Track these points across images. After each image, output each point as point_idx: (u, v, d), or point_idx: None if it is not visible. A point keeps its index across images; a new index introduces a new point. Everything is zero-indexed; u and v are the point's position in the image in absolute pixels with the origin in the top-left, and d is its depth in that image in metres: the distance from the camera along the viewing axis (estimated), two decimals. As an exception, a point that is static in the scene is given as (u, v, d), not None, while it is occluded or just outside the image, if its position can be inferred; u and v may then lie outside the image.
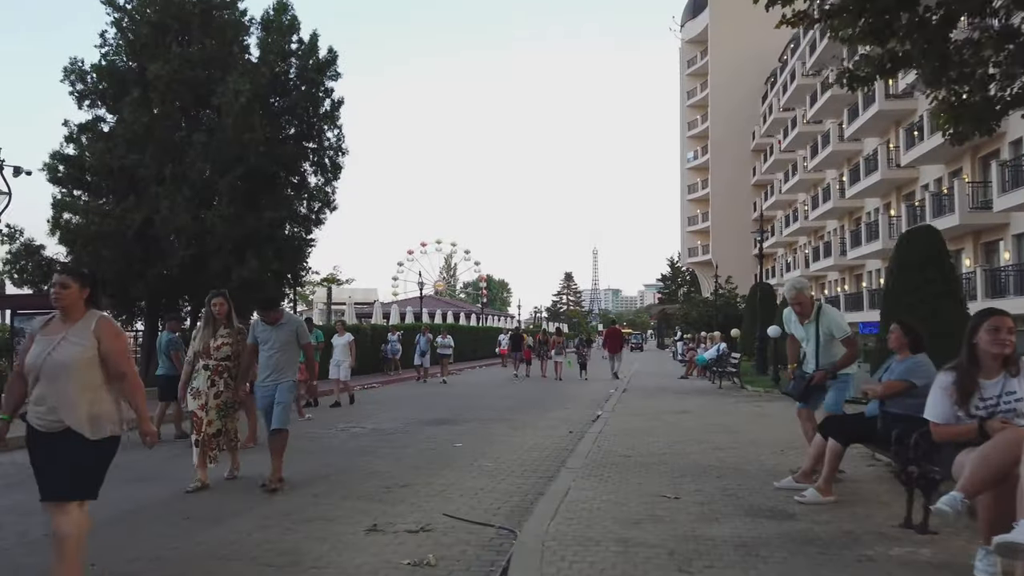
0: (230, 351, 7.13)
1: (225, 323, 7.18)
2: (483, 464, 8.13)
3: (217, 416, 7.07)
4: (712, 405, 13.72)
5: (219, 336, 7.14)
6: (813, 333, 6.60)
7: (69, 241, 16.20)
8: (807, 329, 6.64)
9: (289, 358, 7.00)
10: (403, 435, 10.70)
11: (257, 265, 16.68)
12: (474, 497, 6.42)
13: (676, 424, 10.82)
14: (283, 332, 6.98)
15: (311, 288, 51.44)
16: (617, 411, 12.67)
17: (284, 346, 6.95)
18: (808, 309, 6.66)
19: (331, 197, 19.19)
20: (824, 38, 40.64)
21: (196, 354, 7.16)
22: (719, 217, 65.78)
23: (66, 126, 17.55)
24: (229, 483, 7.18)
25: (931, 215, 28.16)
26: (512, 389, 20.20)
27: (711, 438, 9.18)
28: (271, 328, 6.96)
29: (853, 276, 41.61)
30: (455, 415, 13.20)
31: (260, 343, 7.00)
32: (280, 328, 6.97)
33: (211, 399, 7.06)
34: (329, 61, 18.47)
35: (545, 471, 7.67)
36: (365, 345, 24.61)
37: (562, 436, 10.41)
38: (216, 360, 7.11)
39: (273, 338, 6.95)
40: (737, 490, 6.00)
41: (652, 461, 7.48)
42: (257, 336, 7.05)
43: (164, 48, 17.05)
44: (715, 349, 20.93)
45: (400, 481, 7.21)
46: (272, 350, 6.94)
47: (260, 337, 7.01)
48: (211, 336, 7.13)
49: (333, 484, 7.08)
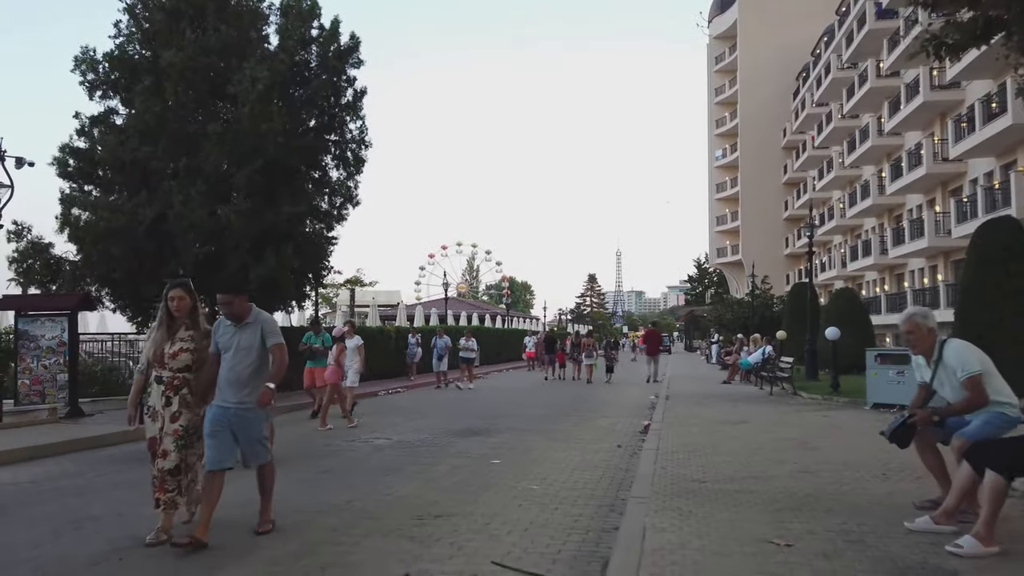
0: (190, 359, 5.39)
1: (187, 323, 5.45)
2: (528, 487, 7.00)
3: (175, 446, 5.26)
4: (771, 414, 12.47)
5: (177, 340, 5.39)
6: (931, 374, 5.26)
7: (78, 238, 15.32)
8: (929, 370, 5.28)
9: (258, 371, 5.29)
10: (432, 448, 9.62)
11: (276, 263, 15.68)
12: (525, 534, 5.29)
13: (740, 437, 9.61)
14: (248, 334, 5.29)
15: (334, 290, 50.71)
16: (667, 421, 11.47)
17: (250, 353, 5.26)
18: (924, 344, 5.27)
19: (354, 192, 18.14)
20: (863, 29, 39.16)
21: (149, 363, 5.48)
22: (749, 216, 64.08)
23: (77, 119, 16.71)
24: (230, 517, 6.09)
25: (983, 210, 26.58)
26: (543, 395, 19.05)
27: (790, 456, 7.96)
28: (235, 329, 5.31)
29: (894, 276, 39.96)
30: (486, 425, 12.10)
31: (221, 350, 5.31)
32: (246, 329, 5.31)
33: (167, 423, 5.29)
34: (351, 48, 17.45)
35: (603, 497, 6.53)
36: (389, 348, 23.63)
37: (612, 451, 9.25)
38: (172, 371, 5.33)
39: (236, 342, 5.26)
40: (861, 533, 4.79)
41: (735, 488, 6.28)
42: (218, 341, 5.34)
43: (178, 35, 16.12)
44: (760, 352, 19.66)
45: (434, 509, 6.11)
46: (234, 360, 5.23)
47: (221, 342, 5.31)
48: (167, 340, 5.40)
49: (355, 514, 5.99)
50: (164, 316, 5.46)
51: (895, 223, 38.30)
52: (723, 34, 69.81)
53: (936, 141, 32.41)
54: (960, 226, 28.34)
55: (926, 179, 33.02)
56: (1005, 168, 27.88)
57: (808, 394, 15.70)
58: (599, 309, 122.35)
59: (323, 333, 13.68)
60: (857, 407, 13.32)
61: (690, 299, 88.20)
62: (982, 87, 28.34)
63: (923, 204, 35.34)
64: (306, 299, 20.46)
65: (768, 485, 6.39)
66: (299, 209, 16.47)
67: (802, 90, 57.46)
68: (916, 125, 34.71)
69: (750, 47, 64.36)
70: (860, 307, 23.80)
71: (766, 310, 37.30)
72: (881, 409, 12.70)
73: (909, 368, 12.64)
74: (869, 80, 38.80)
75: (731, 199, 68.42)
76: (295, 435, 11.16)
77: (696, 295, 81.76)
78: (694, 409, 13.43)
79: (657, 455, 8.09)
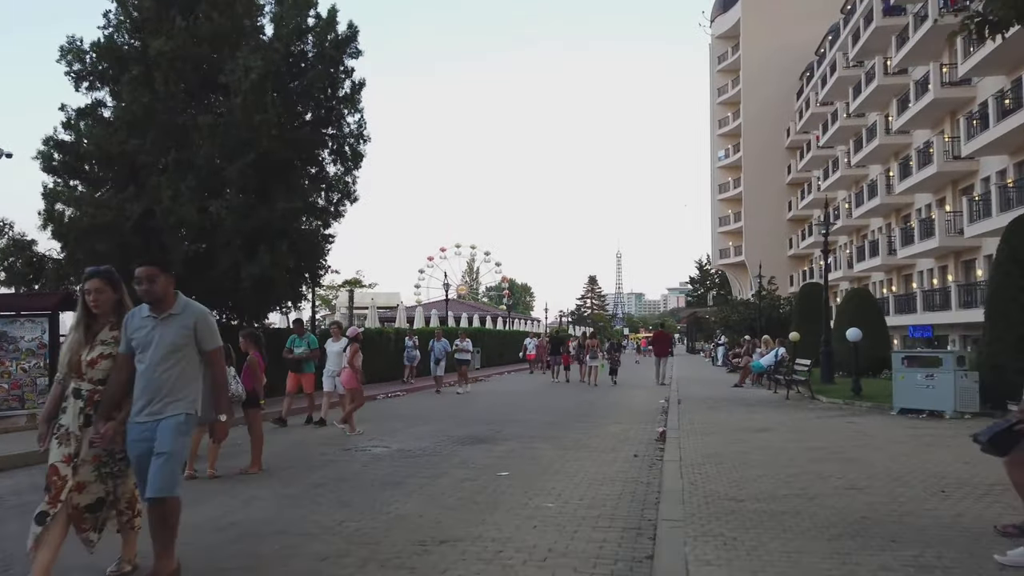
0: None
1: (112, 323, 4.34)
2: (542, 505, 6.29)
3: (96, 476, 4.21)
4: (793, 421, 11.75)
5: (98, 344, 4.29)
6: None
7: (62, 235, 14.61)
8: None
9: (183, 374, 4.17)
10: (434, 458, 8.92)
11: (270, 261, 14.97)
12: (544, 566, 4.58)
13: (767, 447, 8.89)
14: (173, 329, 4.14)
15: (333, 292, 49.99)
16: (684, 428, 10.76)
17: (174, 354, 4.12)
18: None
19: (351, 187, 17.42)
20: (870, 26, 38.50)
21: (65, 373, 4.34)
22: (752, 217, 63.37)
23: (63, 111, 16.01)
24: (208, 544, 5.39)
25: (997, 209, 25.90)
26: (548, 398, 18.34)
27: (828, 469, 7.24)
28: (155, 321, 4.15)
29: (901, 277, 39.28)
30: (491, 431, 11.40)
31: (135, 349, 4.15)
32: (170, 323, 4.15)
33: (85, 447, 4.15)
34: (349, 37, 16.73)
35: (627, 518, 5.81)
36: (388, 350, 22.93)
37: (628, 461, 8.54)
38: (92, 383, 4.24)
39: (156, 339, 4.09)
40: (944, 568, 4.08)
41: (779, 509, 5.57)
42: (131, 337, 4.16)
43: (168, 23, 15.44)
44: (772, 355, 18.95)
45: (438, 531, 5.41)
46: (153, 361, 4.08)
47: (136, 338, 4.14)
48: (84, 344, 4.29)
49: (348, 538, 5.28)
50: (82, 314, 4.36)
51: (903, 223, 37.62)
52: (725, 34, 69.21)
53: (947, 139, 31.75)
54: (973, 225, 27.67)
55: (936, 178, 32.34)
56: (1019, 166, 27.21)
57: (827, 398, 14.98)
58: (599, 311, 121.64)
59: (308, 335, 12.85)
60: (882, 412, 12.62)
61: (691, 301, 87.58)
62: (994, 83, 27.70)
63: (932, 203, 34.67)
64: (302, 299, 19.70)
65: (815, 505, 5.67)
66: (294, 205, 15.76)
67: (806, 89, 56.84)
68: (925, 123, 34.05)
69: (753, 46, 63.73)
70: (875, 308, 23.11)
71: (773, 311, 36.58)
72: (909, 415, 12.00)
73: (939, 372, 12.03)
74: (877, 78, 38.13)
75: (734, 200, 67.73)
76: (288, 442, 10.47)
77: (698, 297, 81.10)
78: (710, 414, 12.72)
79: (681, 467, 7.38)
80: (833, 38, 48.40)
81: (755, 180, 63.41)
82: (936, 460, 7.62)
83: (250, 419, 8.40)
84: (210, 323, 4.33)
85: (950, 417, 11.50)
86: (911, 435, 9.82)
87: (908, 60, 34.10)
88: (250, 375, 8.46)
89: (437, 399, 18.18)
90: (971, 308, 28.54)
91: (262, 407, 8.65)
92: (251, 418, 8.40)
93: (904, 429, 10.35)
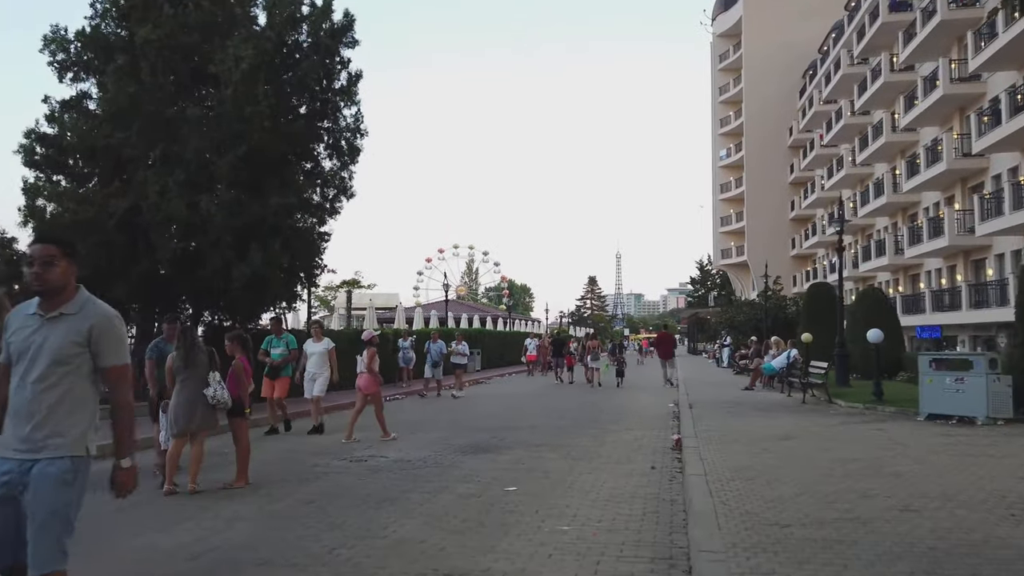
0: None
1: None
2: (556, 528, 5.62)
3: None
4: (817, 427, 11.06)
5: None
6: None
7: (43, 232, 13.93)
8: None
9: (67, 396, 3.09)
10: (435, 470, 8.25)
11: (262, 260, 14.28)
12: (567, 608, 3.91)
13: (796, 458, 8.21)
14: (62, 332, 3.09)
15: (332, 292, 49.28)
16: (701, 436, 10.08)
17: (57, 367, 3.07)
18: None
19: (348, 183, 16.73)
20: (876, 22, 37.88)
21: None
22: (754, 217, 62.71)
23: (46, 103, 15.38)
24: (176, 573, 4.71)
25: (1010, 207, 25.26)
26: (552, 401, 17.65)
27: (872, 486, 6.55)
28: (41, 322, 3.11)
29: (908, 277, 38.65)
30: (495, 439, 10.72)
31: (12, 356, 3.13)
32: (59, 324, 3.11)
33: None
34: (345, 26, 16.04)
35: (655, 544, 5.14)
36: (387, 353, 22.22)
37: (646, 474, 7.86)
38: None
39: (39, 343, 3.08)
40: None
41: (831, 537, 4.88)
42: (9, 341, 3.15)
43: (155, 10, 14.78)
44: (784, 356, 18.27)
45: (441, 561, 4.75)
46: (27, 374, 3.07)
47: (13, 343, 3.13)
48: None
49: (339, 570, 4.61)
50: None
51: (910, 222, 37.00)
52: (727, 32, 68.62)
53: (956, 136, 31.12)
54: (984, 224, 27.02)
55: (945, 175, 31.71)
56: (1033, 161, 26.60)
57: (846, 402, 14.30)
58: (599, 312, 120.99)
59: (286, 335, 12.02)
60: (908, 418, 11.94)
61: (691, 301, 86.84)
62: (1005, 79, 27.09)
63: (940, 202, 34.05)
64: (298, 299, 18.97)
65: (870, 531, 4.99)
66: (288, 200, 15.08)
67: (809, 88, 56.22)
68: (933, 120, 33.44)
69: (755, 45, 63.10)
70: (888, 308, 22.44)
71: (779, 312, 35.91)
72: (938, 420, 11.33)
73: (969, 375, 11.36)
74: (883, 75, 37.50)
75: (736, 199, 67.09)
76: (280, 451, 9.79)
77: (698, 297, 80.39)
78: (726, 421, 12.04)
79: (708, 483, 6.70)
80: (837, 35, 47.80)
81: (757, 179, 62.78)
82: (987, 475, 6.94)
83: (235, 429, 7.72)
84: (114, 330, 3.20)
85: (982, 423, 10.83)
86: (946, 444, 9.16)
87: (915, 56, 33.49)
88: (235, 381, 7.77)
89: (435, 404, 17.49)
90: (982, 308, 27.91)
91: (248, 415, 7.97)
92: (236, 428, 7.72)
93: (937, 437, 9.68)
